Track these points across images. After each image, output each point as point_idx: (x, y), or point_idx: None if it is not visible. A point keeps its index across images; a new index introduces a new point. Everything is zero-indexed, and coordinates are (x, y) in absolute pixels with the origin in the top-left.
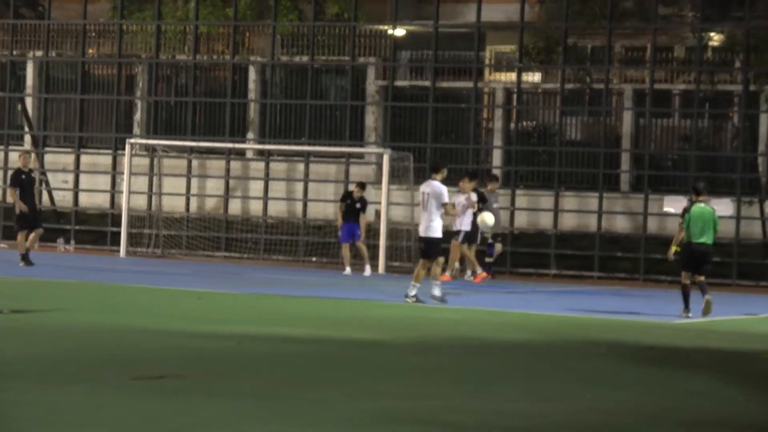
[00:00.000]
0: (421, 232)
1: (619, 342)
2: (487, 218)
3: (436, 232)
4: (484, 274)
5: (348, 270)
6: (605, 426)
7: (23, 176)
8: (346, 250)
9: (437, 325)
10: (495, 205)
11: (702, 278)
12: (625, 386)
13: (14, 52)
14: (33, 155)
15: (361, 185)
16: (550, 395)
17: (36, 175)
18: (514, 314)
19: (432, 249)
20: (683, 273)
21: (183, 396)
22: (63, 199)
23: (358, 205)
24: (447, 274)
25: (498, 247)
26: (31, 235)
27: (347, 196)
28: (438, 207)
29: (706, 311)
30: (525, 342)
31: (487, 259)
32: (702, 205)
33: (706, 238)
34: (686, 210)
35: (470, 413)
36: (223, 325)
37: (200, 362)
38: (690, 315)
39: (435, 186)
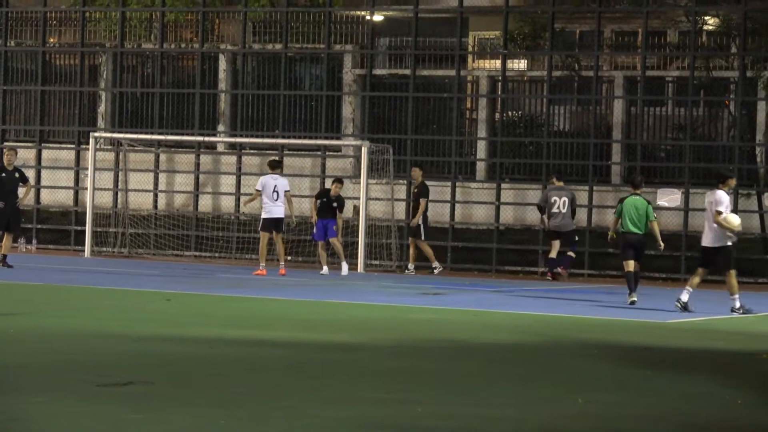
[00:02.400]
0: (708, 243)
1: (612, 343)
2: (732, 218)
3: (722, 241)
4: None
5: (325, 269)
6: (598, 431)
7: (3, 174)
8: (322, 249)
9: (419, 327)
10: (561, 201)
11: (637, 267)
12: (619, 389)
13: None
14: (15, 152)
15: (339, 181)
16: (539, 400)
17: (27, 174)
18: (501, 314)
19: (726, 259)
20: (624, 262)
21: (152, 403)
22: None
23: (334, 204)
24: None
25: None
26: (4, 240)
27: (323, 193)
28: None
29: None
30: (512, 343)
31: (570, 254)
32: (636, 197)
33: (638, 228)
34: (621, 201)
35: (455, 419)
36: (193, 329)
37: (170, 368)
38: (636, 299)
39: (717, 195)
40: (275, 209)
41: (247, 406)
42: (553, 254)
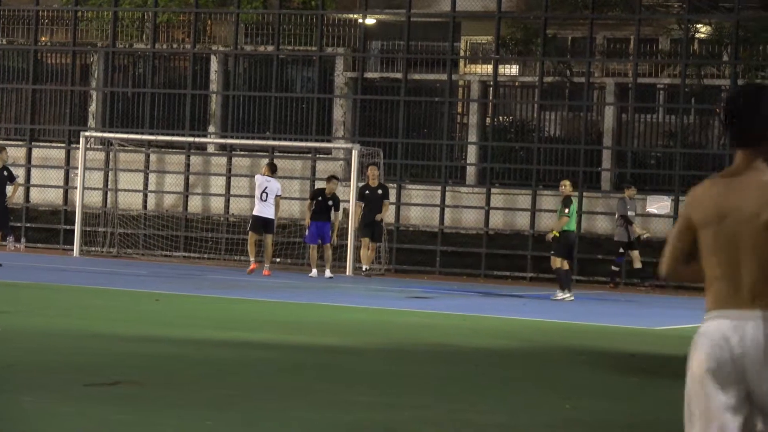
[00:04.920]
0: None
1: (599, 349)
2: None
3: None
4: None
5: (314, 272)
6: None
7: None
8: (313, 252)
9: (408, 331)
10: (630, 213)
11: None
12: (606, 396)
13: None
14: (5, 150)
15: (334, 178)
16: (527, 405)
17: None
18: (489, 319)
19: None
20: (563, 260)
21: (139, 404)
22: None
23: (330, 203)
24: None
25: (636, 254)
26: None
27: (318, 193)
28: None
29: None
30: (500, 349)
31: (615, 268)
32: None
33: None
34: (570, 202)
35: (443, 425)
36: (182, 330)
37: (158, 368)
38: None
39: None
40: (264, 209)
41: (234, 408)
42: (638, 264)
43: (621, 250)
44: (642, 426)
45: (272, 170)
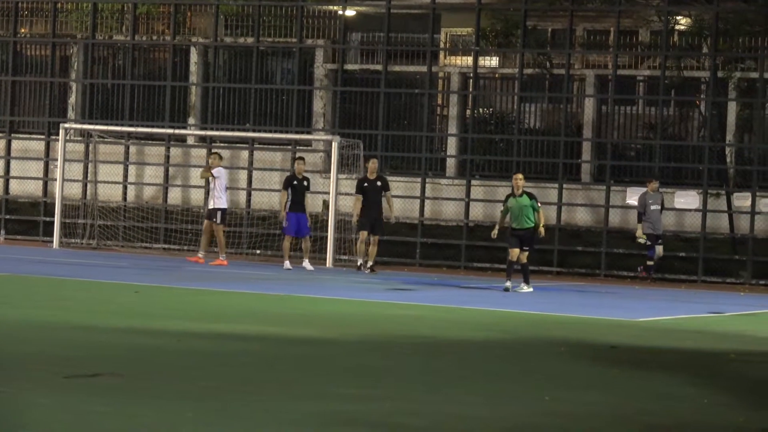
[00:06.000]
0: None
1: (579, 341)
2: None
3: None
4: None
5: (287, 264)
6: (565, 429)
7: None
8: (287, 243)
9: (389, 323)
10: (653, 207)
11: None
12: (587, 388)
13: None
14: None
15: (302, 159)
16: (507, 397)
17: None
18: (470, 311)
19: None
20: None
21: (119, 396)
22: None
23: (305, 183)
24: (200, 255)
25: (659, 249)
26: None
27: (292, 178)
28: None
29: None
30: (481, 340)
31: (649, 263)
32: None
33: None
34: (536, 198)
35: (423, 416)
36: (161, 321)
37: (138, 360)
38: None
39: None
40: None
41: (215, 399)
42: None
43: (648, 243)
44: (622, 417)
45: (221, 160)
